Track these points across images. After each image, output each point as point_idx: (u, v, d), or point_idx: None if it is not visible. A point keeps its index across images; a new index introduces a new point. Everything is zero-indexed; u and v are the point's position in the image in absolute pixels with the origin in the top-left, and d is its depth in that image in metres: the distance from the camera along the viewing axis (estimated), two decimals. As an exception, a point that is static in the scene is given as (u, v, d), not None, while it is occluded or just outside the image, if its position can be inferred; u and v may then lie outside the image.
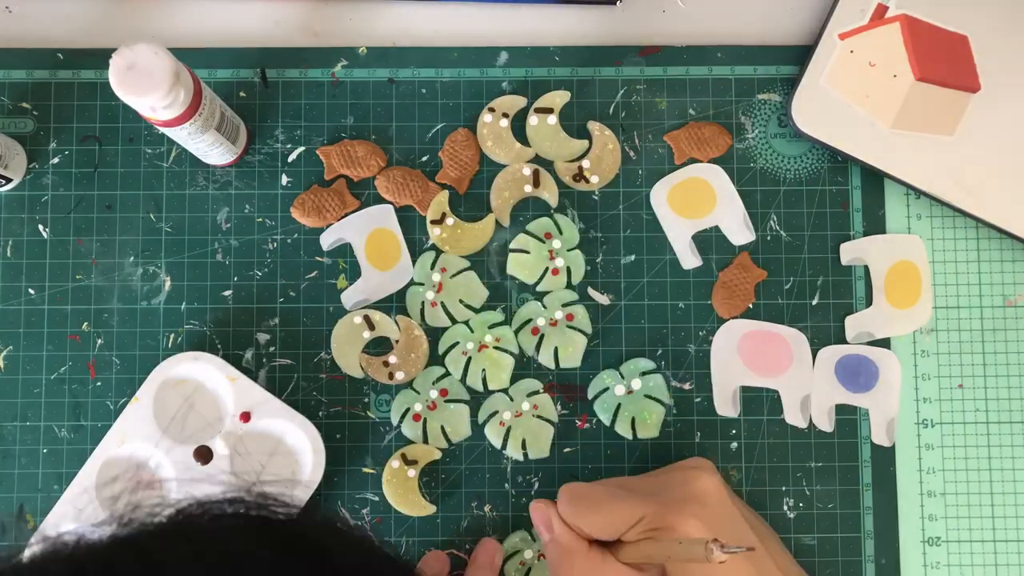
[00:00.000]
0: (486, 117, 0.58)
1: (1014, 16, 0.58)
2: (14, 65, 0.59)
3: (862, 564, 0.57)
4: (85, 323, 0.58)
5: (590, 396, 0.58)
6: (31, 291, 0.58)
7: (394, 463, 0.56)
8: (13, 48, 0.60)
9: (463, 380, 0.58)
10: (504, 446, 0.57)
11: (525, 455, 0.57)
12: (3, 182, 0.57)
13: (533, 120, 0.59)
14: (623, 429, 0.57)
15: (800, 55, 0.60)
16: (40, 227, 0.58)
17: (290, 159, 0.59)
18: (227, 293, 0.58)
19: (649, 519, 0.47)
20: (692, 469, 0.52)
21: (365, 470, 0.57)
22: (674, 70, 0.60)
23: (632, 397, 0.57)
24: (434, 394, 0.57)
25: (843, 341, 0.58)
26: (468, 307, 0.58)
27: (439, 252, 0.58)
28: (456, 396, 0.58)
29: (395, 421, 0.57)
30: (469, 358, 0.58)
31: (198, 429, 0.55)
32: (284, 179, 0.59)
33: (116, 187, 0.59)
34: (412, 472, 0.56)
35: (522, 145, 0.59)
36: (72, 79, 0.59)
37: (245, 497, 0.31)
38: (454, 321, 0.58)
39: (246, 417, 0.55)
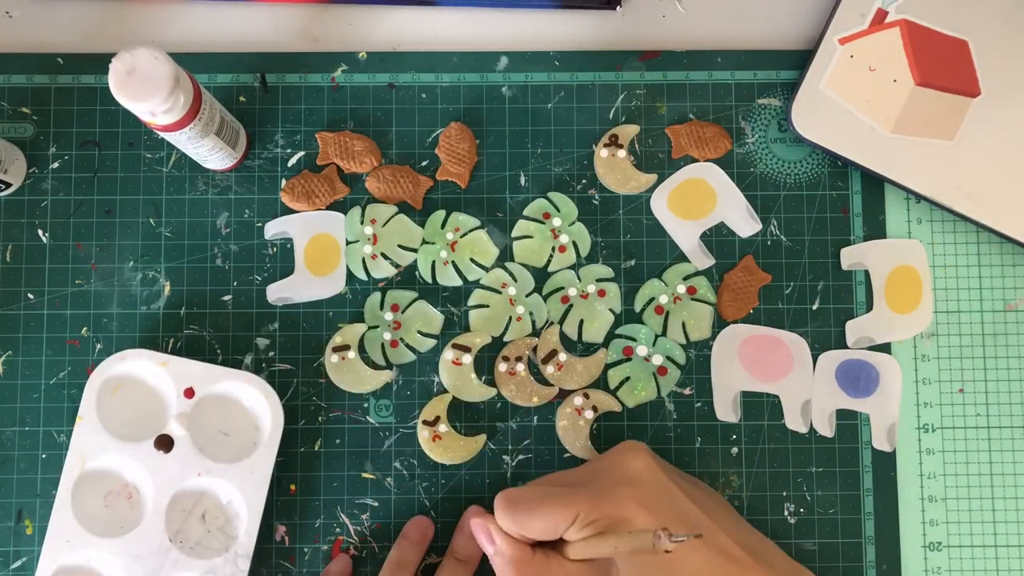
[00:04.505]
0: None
1: (1014, 21, 0.58)
2: (14, 70, 0.59)
3: (863, 570, 0.57)
4: (84, 328, 0.58)
5: (637, 309, 0.58)
6: (30, 296, 0.58)
7: (447, 354, 0.57)
8: (13, 53, 0.60)
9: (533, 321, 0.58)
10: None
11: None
12: (3, 186, 0.57)
13: (603, 153, 0.59)
14: (676, 334, 0.58)
15: (800, 60, 0.60)
16: (39, 232, 0.58)
17: (290, 164, 0.59)
18: (227, 298, 0.58)
19: (585, 512, 0.47)
20: (621, 453, 0.51)
21: (364, 475, 0.57)
22: (674, 75, 0.60)
23: (679, 304, 0.58)
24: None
25: (844, 346, 0.58)
26: (408, 249, 0.58)
27: (370, 201, 0.58)
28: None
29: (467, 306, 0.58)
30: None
31: (150, 423, 0.55)
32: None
33: (116, 192, 0.59)
34: (468, 358, 0.57)
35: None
36: (72, 84, 0.59)
37: None
38: (396, 265, 0.58)
39: (190, 393, 0.55)
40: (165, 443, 0.54)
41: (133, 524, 0.54)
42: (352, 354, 0.57)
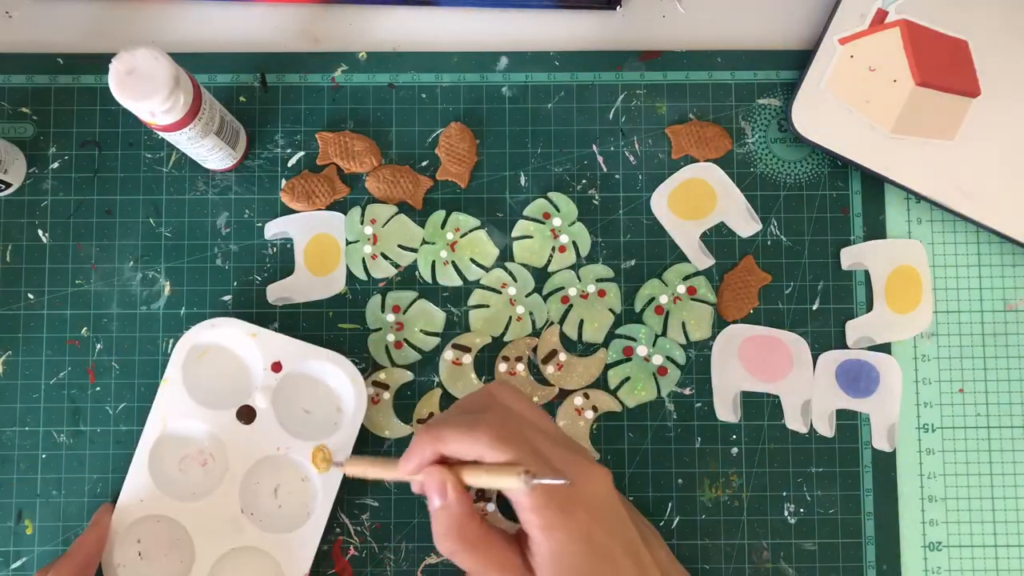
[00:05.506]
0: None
1: (1014, 21, 0.58)
2: (14, 70, 0.59)
3: (863, 570, 0.57)
4: (84, 328, 0.58)
5: (637, 309, 0.58)
6: (30, 296, 0.58)
7: (447, 354, 0.57)
8: (13, 53, 0.60)
9: (536, 329, 0.58)
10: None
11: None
12: (3, 186, 0.57)
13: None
14: (676, 334, 0.58)
15: (800, 60, 0.60)
16: (39, 232, 0.58)
17: (290, 164, 0.59)
18: (227, 298, 0.58)
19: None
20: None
21: (365, 475, 0.57)
22: (674, 75, 0.60)
23: (679, 304, 0.58)
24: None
25: (844, 346, 0.58)
26: (408, 249, 0.58)
27: (370, 201, 0.58)
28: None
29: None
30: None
31: (233, 392, 0.55)
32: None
33: (116, 192, 0.59)
34: (468, 358, 0.57)
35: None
36: (72, 84, 0.59)
37: None
38: (396, 265, 0.58)
39: (277, 367, 0.55)
40: (247, 414, 0.55)
41: (205, 491, 0.54)
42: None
